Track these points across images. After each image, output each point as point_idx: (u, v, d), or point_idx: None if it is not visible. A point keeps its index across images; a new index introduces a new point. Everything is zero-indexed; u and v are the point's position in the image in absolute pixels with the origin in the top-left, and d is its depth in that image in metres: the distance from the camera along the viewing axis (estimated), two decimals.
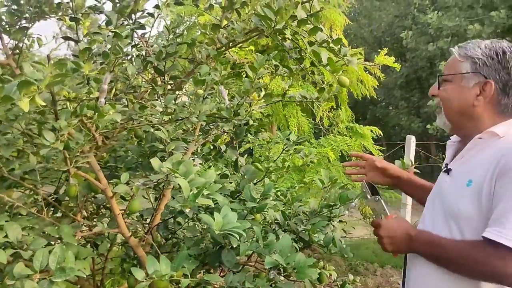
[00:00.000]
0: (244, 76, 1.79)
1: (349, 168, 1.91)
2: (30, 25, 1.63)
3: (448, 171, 1.51)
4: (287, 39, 1.71)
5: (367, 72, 5.86)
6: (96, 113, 1.22)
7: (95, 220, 1.91)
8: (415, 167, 2.18)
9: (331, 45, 1.65)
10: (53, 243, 1.41)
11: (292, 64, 1.94)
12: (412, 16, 14.88)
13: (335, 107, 5.74)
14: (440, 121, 1.55)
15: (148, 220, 1.96)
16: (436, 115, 1.58)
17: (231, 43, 1.80)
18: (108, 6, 1.78)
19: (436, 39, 11.88)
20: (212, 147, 2.14)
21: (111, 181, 1.74)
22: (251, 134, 2.06)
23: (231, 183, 1.92)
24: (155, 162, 1.35)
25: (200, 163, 2.27)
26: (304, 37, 1.69)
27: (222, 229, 1.31)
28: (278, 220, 1.82)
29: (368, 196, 1.56)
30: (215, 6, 1.90)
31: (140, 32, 1.85)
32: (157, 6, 1.75)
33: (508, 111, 1.44)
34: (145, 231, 1.87)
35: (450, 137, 1.69)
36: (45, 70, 1.08)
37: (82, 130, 1.41)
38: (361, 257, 5.47)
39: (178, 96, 1.92)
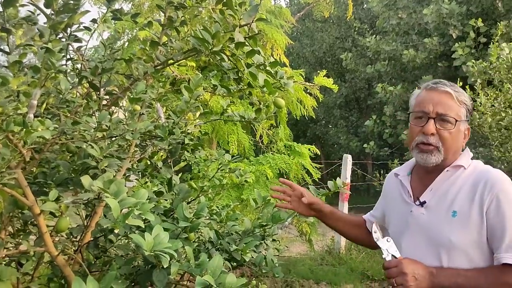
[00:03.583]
0: None
1: (276, 193, 1.95)
2: None
3: (422, 203, 1.61)
4: (225, 60, 1.74)
5: (307, 92, 5.99)
6: (24, 129, 1.18)
7: (21, 237, 1.83)
8: (352, 185, 2.25)
9: (268, 67, 1.69)
10: None
11: (231, 84, 1.96)
12: (352, 39, 15.40)
13: (275, 125, 5.82)
14: (432, 158, 1.58)
15: (78, 238, 1.90)
16: (424, 153, 1.59)
17: (169, 61, 1.80)
18: (43, 17, 1.73)
19: (374, 61, 12.36)
20: (149, 163, 2.11)
21: (40, 198, 1.68)
22: (188, 152, 2.05)
23: (166, 200, 1.91)
24: (85, 180, 1.32)
25: (136, 179, 2.24)
26: (242, 59, 1.72)
27: (153, 249, 1.29)
28: (212, 239, 1.82)
29: (380, 237, 1.58)
30: (155, 22, 1.90)
31: (76, 45, 1.81)
32: (94, 20, 1.73)
33: (464, 148, 1.66)
34: (75, 249, 1.81)
35: (396, 172, 1.78)
36: None
37: (9, 145, 1.36)
38: (297, 274, 5.52)
39: (114, 112, 1.89)
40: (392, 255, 1.52)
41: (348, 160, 6.81)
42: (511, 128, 4.91)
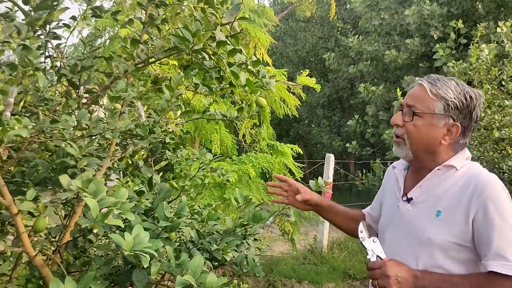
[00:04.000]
0: None
1: (272, 188, 1.96)
2: None
3: (409, 200, 1.60)
4: (206, 59, 1.73)
5: (290, 91, 6.00)
6: (0, 128, 1.16)
7: None
8: (334, 184, 2.27)
9: (249, 67, 1.68)
10: None
11: (213, 83, 1.95)
12: (335, 39, 15.48)
13: (258, 124, 5.82)
14: (400, 151, 1.60)
15: (57, 238, 1.88)
16: (394, 145, 1.62)
17: (150, 59, 1.78)
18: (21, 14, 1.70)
19: (357, 62, 12.43)
20: (130, 162, 2.09)
21: (18, 197, 1.65)
22: (169, 150, 2.04)
23: (147, 199, 1.89)
24: (64, 179, 1.30)
25: (117, 178, 2.22)
26: (223, 57, 1.71)
27: (132, 249, 1.28)
28: (193, 238, 1.81)
29: (366, 237, 1.56)
30: (136, 20, 1.88)
31: (55, 42, 1.79)
32: (74, 18, 1.71)
33: (460, 148, 1.58)
34: (53, 249, 1.79)
35: (394, 165, 1.78)
36: None
37: None
38: (279, 273, 5.53)
39: (94, 110, 1.87)
40: (377, 256, 1.51)
41: (330, 160, 6.84)
42: (490, 128, 4.98)
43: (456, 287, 1.43)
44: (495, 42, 7.19)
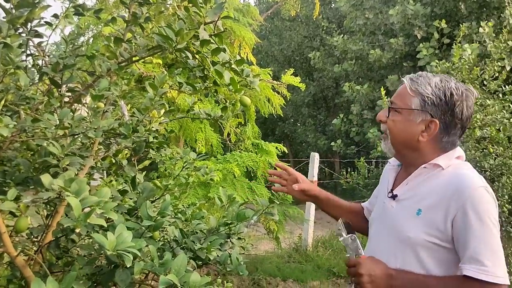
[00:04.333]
0: None
1: (273, 177, 1.98)
2: None
3: (394, 196, 1.61)
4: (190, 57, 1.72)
5: (275, 90, 6.01)
6: None
7: None
8: (319, 183, 2.30)
9: (233, 66, 1.68)
10: None
11: (198, 82, 1.95)
12: (320, 38, 15.52)
13: (243, 123, 5.81)
14: (385, 146, 1.63)
15: (39, 238, 1.86)
16: (381, 140, 1.65)
17: (133, 58, 1.77)
18: (2, 12, 1.68)
19: (342, 61, 12.48)
20: (113, 161, 2.08)
21: None
22: (153, 150, 2.03)
23: (131, 199, 1.88)
24: (45, 178, 1.29)
25: (100, 177, 2.20)
26: (207, 56, 1.70)
27: (115, 248, 1.27)
28: (176, 237, 1.81)
29: (344, 235, 1.55)
30: (119, 18, 1.87)
31: (37, 40, 1.77)
32: (55, 16, 1.69)
33: (448, 147, 1.56)
34: (35, 249, 1.77)
35: (389, 161, 1.79)
36: None
37: None
38: (264, 271, 5.55)
39: (77, 109, 1.85)
40: (356, 253, 1.52)
41: (315, 158, 6.87)
42: (472, 127, 5.05)
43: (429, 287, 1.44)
44: (478, 42, 7.29)
